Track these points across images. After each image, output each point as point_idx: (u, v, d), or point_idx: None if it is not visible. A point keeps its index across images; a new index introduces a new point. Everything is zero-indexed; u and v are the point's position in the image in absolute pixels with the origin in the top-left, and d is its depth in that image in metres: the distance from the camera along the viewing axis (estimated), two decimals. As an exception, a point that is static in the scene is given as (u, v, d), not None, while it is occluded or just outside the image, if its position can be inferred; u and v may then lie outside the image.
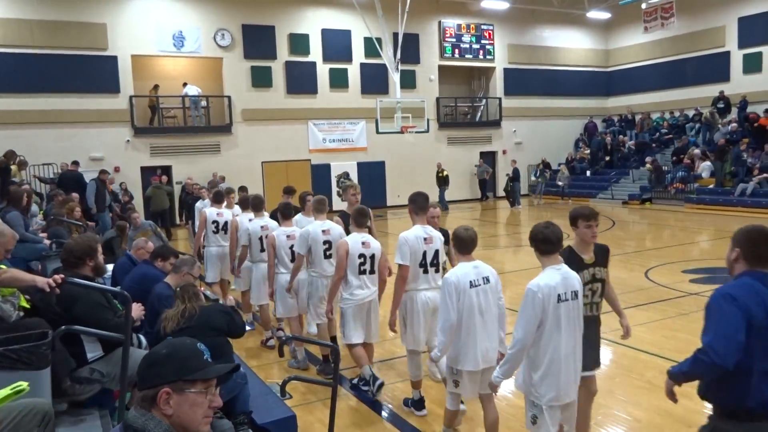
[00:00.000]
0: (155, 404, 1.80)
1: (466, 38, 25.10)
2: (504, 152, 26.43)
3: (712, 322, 2.71)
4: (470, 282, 4.19)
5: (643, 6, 22.58)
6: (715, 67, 23.73)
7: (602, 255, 4.11)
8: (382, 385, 5.44)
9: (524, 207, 22.97)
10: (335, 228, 6.21)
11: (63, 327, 3.39)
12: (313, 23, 22.16)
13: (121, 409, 3.63)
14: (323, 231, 6.10)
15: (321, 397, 5.59)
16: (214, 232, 8.44)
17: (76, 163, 15.61)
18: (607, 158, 25.09)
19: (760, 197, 17.99)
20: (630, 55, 27.31)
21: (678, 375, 2.85)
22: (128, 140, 19.57)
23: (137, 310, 4.11)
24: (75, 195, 12.20)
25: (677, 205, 20.27)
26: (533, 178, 26.02)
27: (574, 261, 3.87)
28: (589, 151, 26.34)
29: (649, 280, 9.94)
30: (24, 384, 2.48)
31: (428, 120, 22.02)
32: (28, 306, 3.80)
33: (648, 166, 21.83)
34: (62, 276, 3.48)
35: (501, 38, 25.83)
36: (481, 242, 4.96)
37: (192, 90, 20.26)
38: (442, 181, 22.56)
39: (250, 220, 7.48)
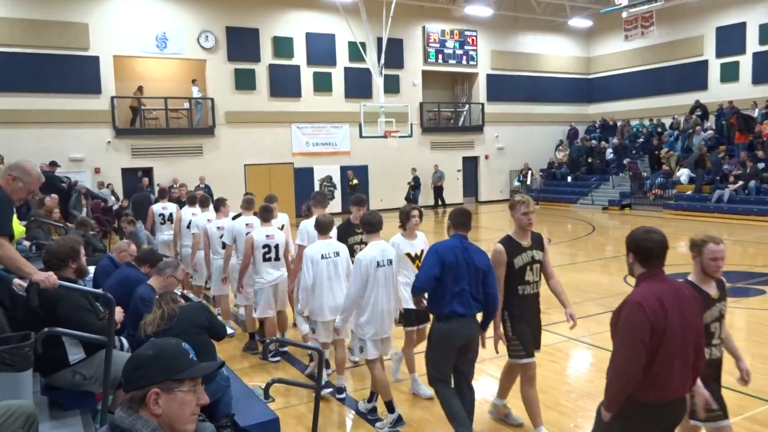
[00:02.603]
0: (144, 405, 1.81)
1: (450, 44, 25.27)
2: (486, 157, 26.64)
3: (423, 267, 4.45)
4: (321, 255, 5.59)
5: (624, 15, 22.90)
6: (694, 76, 24.18)
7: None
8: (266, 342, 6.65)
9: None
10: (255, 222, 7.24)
11: (46, 329, 3.37)
12: (297, 26, 22.16)
13: (104, 411, 3.62)
14: (246, 225, 7.27)
15: (304, 400, 5.61)
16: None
17: (53, 163, 15.40)
18: (589, 159, 25.34)
19: (737, 203, 18.33)
20: (611, 62, 27.70)
21: (414, 290, 4.53)
22: (109, 141, 19.39)
23: (118, 313, 4.11)
24: (54, 196, 12.05)
25: (656, 210, 20.57)
26: (515, 184, 26.31)
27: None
28: (567, 153, 26.66)
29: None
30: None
31: (411, 125, 22.11)
32: None
33: (626, 166, 22.18)
34: (58, 282, 3.49)
35: (484, 44, 26.05)
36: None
37: (194, 91, 20.45)
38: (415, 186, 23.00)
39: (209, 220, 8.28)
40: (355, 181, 21.92)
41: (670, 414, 3.00)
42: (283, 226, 7.44)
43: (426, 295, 4.53)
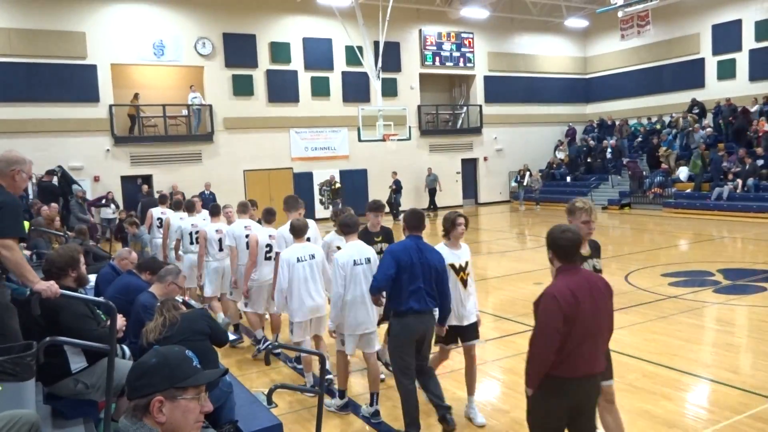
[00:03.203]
0: (148, 413, 1.81)
1: (447, 46, 25.30)
2: (485, 159, 26.66)
3: (380, 268, 4.74)
4: (297, 258, 5.78)
5: (620, 14, 22.94)
6: (691, 74, 24.22)
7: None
8: (269, 347, 6.59)
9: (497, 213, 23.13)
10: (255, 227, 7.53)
11: (48, 338, 3.37)
12: (294, 32, 22.20)
13: (107, 420, 3.62)
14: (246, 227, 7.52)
15: (307, 405, 5.60)
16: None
17: (51, 172, 15.40)
18: (588, 160, 25.35)
19: (736, 201, 18.33)
20: (608, 62, 27.74)
21: (371, 289, 4.84)
22: (108, 149, 19.40)
23: (120, 321, 4.11)
24: (54, 205, 12.07)
25: (656, 209, 20.58)
26: (513, 184, 26.35)
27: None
28: (566, 154, 26.68)
29: (629, 284, 10.07)
30: None
31: (410, 128, 22.13)
32: None
33: (626, 165, 22.18)
34: (60, 291, 3.48)
35: (481, 46, 26.09)
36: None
37: (190, 98, 20.45)
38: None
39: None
40: (338, 185, 21.53)
41: (580, 388, 3.40)
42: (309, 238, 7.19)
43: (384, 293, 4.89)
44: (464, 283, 5.05)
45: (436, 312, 4.88)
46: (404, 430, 4.80)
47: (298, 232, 5.98)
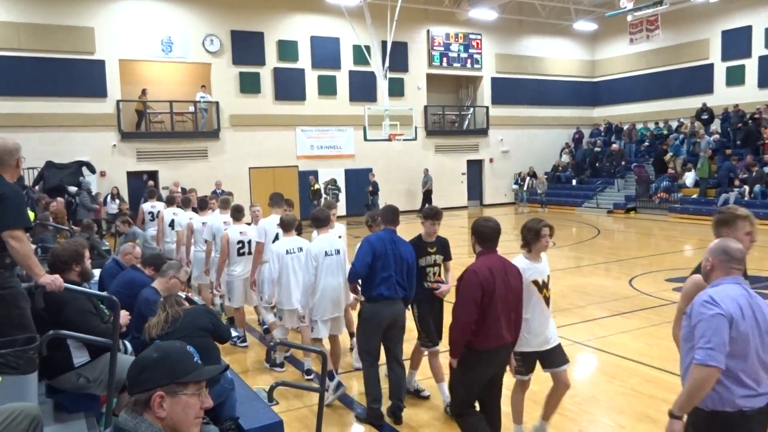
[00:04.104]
0: (148, 408, 1.82)
1: (455, 47, 25.28)
2: (491, 161, 26.61)
3: (358, 256, 5.07)
4: (286, 250, 6.27)
5: (629, 18, 22.85)
6: (699, 79, 24.10)
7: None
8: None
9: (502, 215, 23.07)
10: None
11: (51, 332, 3.38)
12: (302, 30, 22.22)
13: (108, 414, 3.63)
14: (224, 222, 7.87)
15: (308, 402, 5.61)
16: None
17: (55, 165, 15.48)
18: (597, 165, 25.24)
19: (742, 207, 18.21)
20: (616, 66, 27.66)
21: (350, 276, 5.25)
22: (114, 145, 19.46)
23: (123, 317, 4.12)
24: (60, 200, 12.12)
25: (661, 214, 20.51)
26: (514, 187, 26.33)
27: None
28: (570, 157, 26.63)
29: (633, 289, 10.04)
30: None
31: (416, 128, 22.12)
32: None
33: (633, 170, 22.11)
34: (64, 285, 3.48)
35: (489, 48, 26.05)
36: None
37: (203, 96, 20.57)
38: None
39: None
40: (317, 186, 20.87)
41: (497, 357, 4.02)
42: (339, 236, 6.90)
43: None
44: (547, 301, 4.47)
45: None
46: (367, 406, 5.19)
47: (287, 226, 6.44)
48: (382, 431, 5.04)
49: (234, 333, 7.34)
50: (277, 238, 6.92)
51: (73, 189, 15.89)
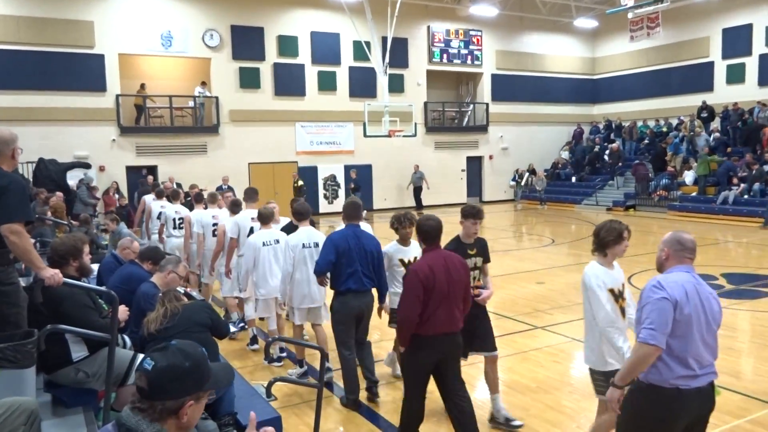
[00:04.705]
0: (176, 415, 1.83)
1: (455, 43, 25.24)
2: (491, 157, 26.61)
3: (322, 254, 5.43)
4: (263, 242, 6.56)
5: (630, 15, 22.81)
6: (700, 77, 24.09)
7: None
8: (239, 324, 7.15)
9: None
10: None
11: (49, 326, 3.37)
12: (302, 25, 22.17)
13: (106, 409, 3.63)
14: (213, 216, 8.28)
15: (306, 398, 5.62)
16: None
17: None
18: (597, 165, 25.21)
19: (741, 205, 18.26)
20: (616, 63, 27.63)
21: (315, 272, 5.50)
22: (114, 139, 19.44)
23: (122, 312, 4.11)
24: (59, 194, 12.08)
25: (660, 212, 20.52)
26: (511, 183, 26.36)
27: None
28: (569, 155, 26.63)
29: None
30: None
31: (416, 124, 22.09)
32: None
33: (633, 167, 22.12)
34: (63, 280, 3.46)
35: (489, 44, 26.01)
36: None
37: (202, 92, 20.56)
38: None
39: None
40: (300, 183, 20.46)
41: (441, 344, 4.23)
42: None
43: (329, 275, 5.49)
44: (623, 312, 3.92)
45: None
46: (345, 395, 5.48)
47: (265, 219, 6.73)
48: (360, 411, 5.37)
49: (233, 328, 7.37)
50: (252, 231, 7.13)
51: (72, 184, 15.83)
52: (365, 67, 21.84)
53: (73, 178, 15.66)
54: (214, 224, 8.13)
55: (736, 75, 23.09)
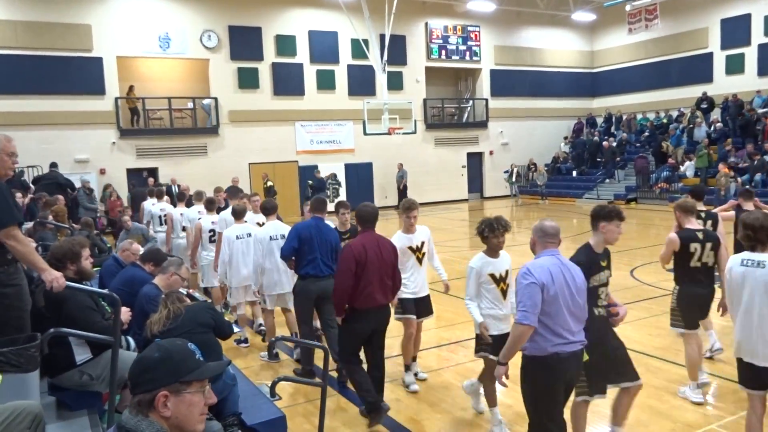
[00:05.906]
0: (153, 408, 1.81)
1: (453, 39, 25.20)
2: (491, 153, 26.58)
3: (286, 241, 6.07)
4: (236, 236, 7.29)
5: (628, 8, 22.78)
6: (699, 68, 24.03)
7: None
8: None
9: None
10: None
11: (52, 330, 3.37)
12: (300, 24, 22.15)
13: (111, 411, 3.63)
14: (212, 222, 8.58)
15: (310, 398, 5.61)
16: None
17: (54, 165, 15.40)
18: (598, 159, 25.17)
19: (743, 196, 18.20)
20: (615, 56, 27.58)
21: (281, 256, 6.19)
22: (114, 142, 19.45)
23: (125, 314, 4.11)
24: (60, 198, 12.08)
25: (662, 204, 20.48)
26: (505, 177, 26.36)
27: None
28: (568, 149, 26.60)
29: (634, 279, 10.05)
30: None
31: (415, 121, 22.09)
32: None
33: (634, 161, 22.11)
34: (66, 283, 3.45)
35: (487, 40, 25.97)
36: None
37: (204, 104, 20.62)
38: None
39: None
40: (270, 184, 19.98)
41: (375, 316, 4.97)
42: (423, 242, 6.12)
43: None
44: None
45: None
46: (302, 367, 6.15)
47: (239, 214, 7.44)
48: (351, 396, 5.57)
49: (236, 329, 7.36)
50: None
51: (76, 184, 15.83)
52: (364, 65, 21.82)
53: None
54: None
55: (735, 65, 23.03)
